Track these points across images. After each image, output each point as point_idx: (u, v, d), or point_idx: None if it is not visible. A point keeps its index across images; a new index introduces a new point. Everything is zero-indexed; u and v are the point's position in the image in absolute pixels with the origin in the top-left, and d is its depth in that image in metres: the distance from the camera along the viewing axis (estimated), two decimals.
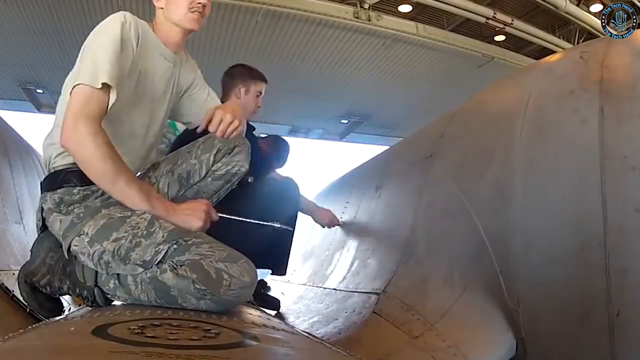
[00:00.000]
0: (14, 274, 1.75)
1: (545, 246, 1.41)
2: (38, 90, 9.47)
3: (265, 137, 2.96)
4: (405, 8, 7.73)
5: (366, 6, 7.39)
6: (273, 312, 2.40)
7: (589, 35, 8.00)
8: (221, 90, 2.33)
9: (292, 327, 1.75)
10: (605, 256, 1.26)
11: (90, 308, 1.24)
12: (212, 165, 1.52)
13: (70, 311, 1.34)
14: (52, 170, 1.33)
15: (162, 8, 1.42)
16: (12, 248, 1.96)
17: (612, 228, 1.26)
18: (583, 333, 1.32)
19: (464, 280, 1.64)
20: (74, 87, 1.22)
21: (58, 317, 1.22)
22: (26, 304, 1.40)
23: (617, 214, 1.27)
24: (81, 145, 1.19)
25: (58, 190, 1.29)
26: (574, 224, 1.35)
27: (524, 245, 1.46)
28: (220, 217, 1.35)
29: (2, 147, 2.24)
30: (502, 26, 7.85)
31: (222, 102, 1.83)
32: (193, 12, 1.41)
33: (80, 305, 1.44)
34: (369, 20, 7.43)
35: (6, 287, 1.55)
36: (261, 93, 2.33)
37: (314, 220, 2.80)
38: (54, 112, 1.40)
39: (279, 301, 2.60)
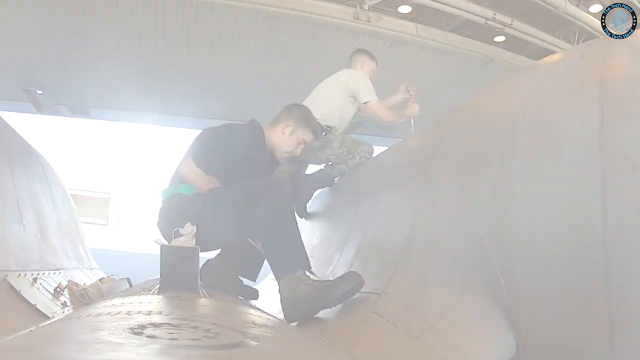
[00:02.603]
0: (19, 275, 1.76)
1: (545, 246, 1.40)
2: (38, 92, 9.43)
3: None
4: (405, 9, 7.73)
5: (366, 7, 7.38)
6: (253, 302, 2.57)
7: (589, 35, 8.00)
8: (274, 118, 2.51)
9: (292, 327, 1.75)
10: (605, 256, 1.25)
11: (89, 308, 1.24)
12: None
13: (70, 311, 1.34)
14: None
15: None
16: (12, 248, 1.96)
17: (612, 228, 1.26)
18: (583, 333, 1.32)
19: (464, 280, 1.63)
20: None
21: (58, 317, 1.22)
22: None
23: (617, 214, 1.26)
24: None
25: None
26: (574, 223, 1.34)
27: (524, 245, 1.46)
28: None
29: (2, 147, 2.24)
30: (501, 27, 7.84)
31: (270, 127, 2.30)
32: None
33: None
34: (369, 22, 7.42)
35: (12, 286, 1.55)
36: (305, 142, 2.40)
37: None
38: (54, 114, 1.40)
39: (257, 291, 2.74)
